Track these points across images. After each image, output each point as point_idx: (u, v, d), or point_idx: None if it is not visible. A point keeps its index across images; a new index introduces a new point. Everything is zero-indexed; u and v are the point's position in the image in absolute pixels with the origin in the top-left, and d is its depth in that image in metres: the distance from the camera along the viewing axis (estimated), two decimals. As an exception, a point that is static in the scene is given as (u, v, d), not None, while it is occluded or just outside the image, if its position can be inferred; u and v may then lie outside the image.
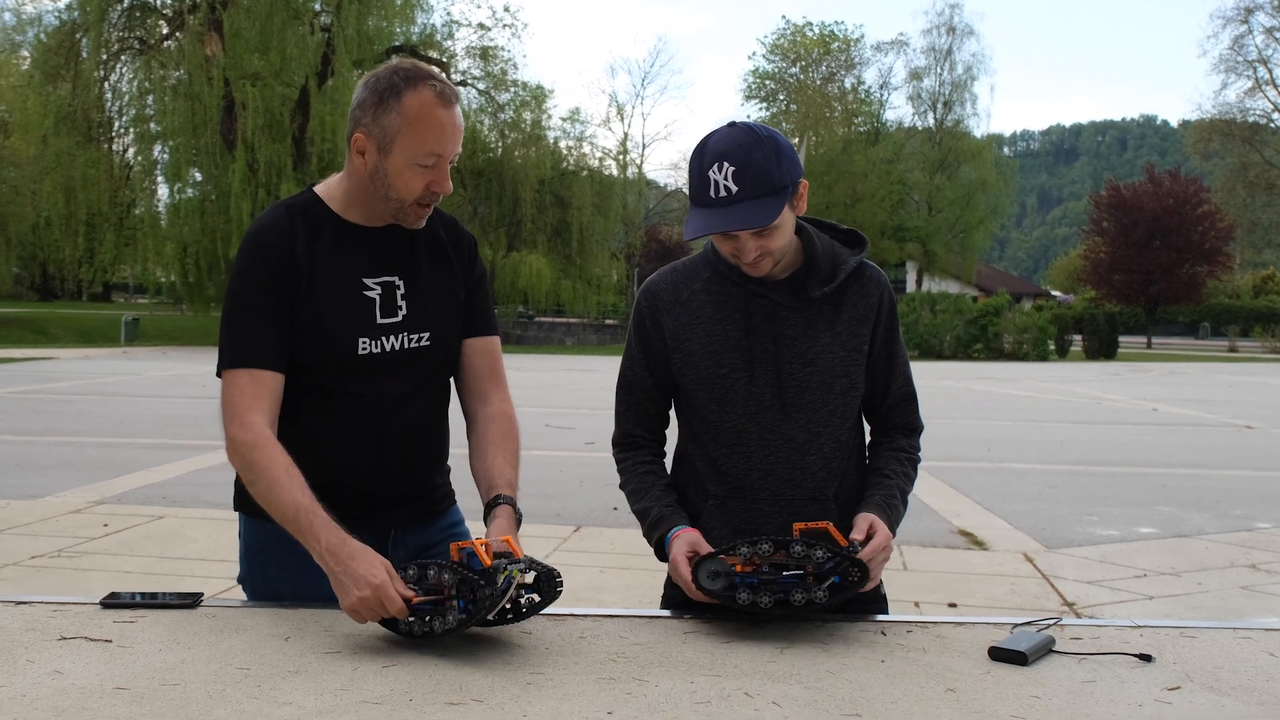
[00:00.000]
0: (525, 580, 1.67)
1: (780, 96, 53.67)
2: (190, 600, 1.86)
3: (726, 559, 1.78)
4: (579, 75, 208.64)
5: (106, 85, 32.60)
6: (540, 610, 1.69)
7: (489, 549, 1.68)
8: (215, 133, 28.95)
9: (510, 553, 1.71)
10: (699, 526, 1.96)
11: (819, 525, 1.81)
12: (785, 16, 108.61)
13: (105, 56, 31.83)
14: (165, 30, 32.33)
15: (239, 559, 2.07)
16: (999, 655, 1.65)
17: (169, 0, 32.28)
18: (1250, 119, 51.86)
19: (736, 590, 1.75)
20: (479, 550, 1.65)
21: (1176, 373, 26.55)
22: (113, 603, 1.85)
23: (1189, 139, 57.45)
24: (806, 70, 53.42)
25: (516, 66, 41.58)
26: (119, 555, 5.64)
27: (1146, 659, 1.66)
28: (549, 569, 1.70)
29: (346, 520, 1.80)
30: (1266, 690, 1.55)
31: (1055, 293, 63.50)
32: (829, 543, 1.79)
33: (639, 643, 1.72)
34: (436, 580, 1.66)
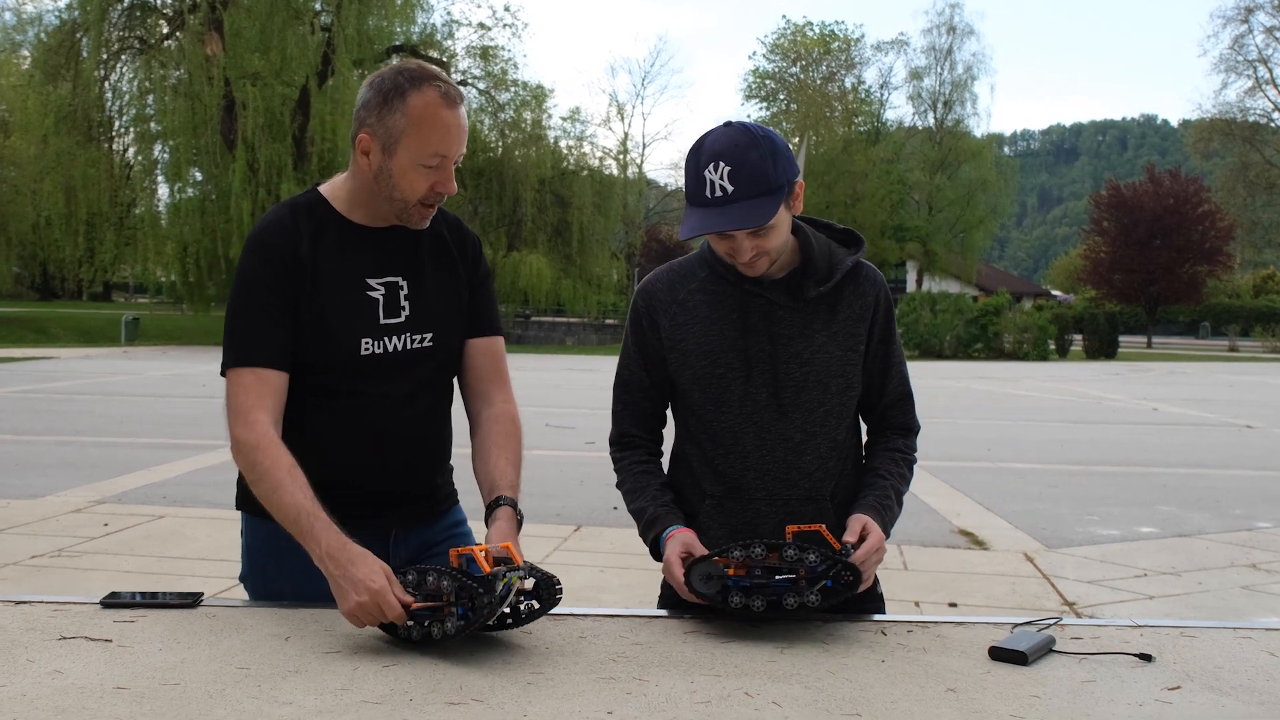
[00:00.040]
0: (525, 586, 1.67)
1: (780, 96, 53.69)
2: (190, 600, 1.86)
3: (719, 562, 1.78)
4: (579, 75, 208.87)
5: (107, 85, 32.61)
6: (539, 617, 1.69)
7: (488, 556, 1.67)
8: (215, 132, 28.95)
9: (510, 559, 1.70)
10: (695, 526, 1.96)
11: (812, 528, 1.81)
12: (785, 16, 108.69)
13: (105, 56, 31.83)
14: (165, 30, 32.33)
15: (241, 557, 2.07)
16: (999, 655, 1.65)
17: (169, 0, 32.28)
18: (1250, 118, 51.89)
19: (729, 594, 1.75)
20: (478, 557, 1.64)
21: (1177, 372, 26.55)
22: (113, 602, 1.85)
23: (1189, 138, 57.44)
24: (807, 70, 53.42)
25: (517, 66, 41.56)
26: (119, 555, 5.64)
27: (1147, 659, 1.66)
28: (548, 576, 1.69)
29: (348, 519, 1.80)
30: (1267, 690, 1.55)
31: (1055, 292, 63.48)
32: (822, 545, 1.78)
33: (639, 642, 1.72)
34: (435, 587, 1.65)
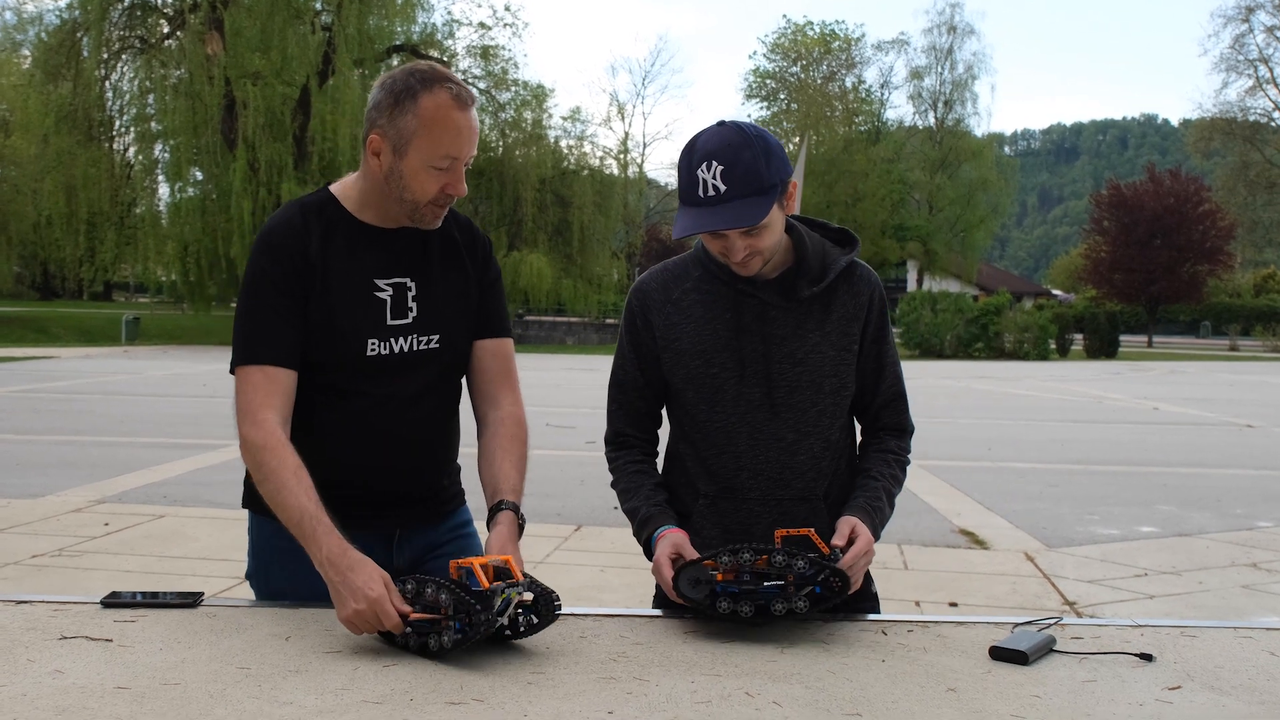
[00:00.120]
0: (525, 599, 1.65)
1: (781, 96, 53.70)
2: (191, 600, 1.87)
3: (708, 566, 1.77)
4: (580, 74, 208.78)
5: (107, 84, 32.60)
6: (537, 631, 1.68)
7: (488, 569, 1.65)
8: (216, 132, 28.94)
9: (509, 572, 1.68)
10: (689, 526, 1.95)
11: (801, 532, 1.80)
12: (786, 16, 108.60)
13: (106, 55, 31.83)
14: (166, 29, 32.32)
15: (247, 555, 2.07)
16: (1000, 655, 1.65)
17: (170, 0, 32.29)
18: (1251, 118, 51.89)
19: (717, 599, 1.74)
20: (478, 571, 1.63)
21: (1177, 372, 26.54)
22: (113, 602, 1.85)
23: (1190, 138, 57.42)
24: (807, 69, 53.42)
25: (517, 66, 41.57)
26: (119, 554, 5.64)
27: (1147, 658, 1.66)
28: (547, 590, 1.68)
29: (352, 519, 1.80)
30: (1267, 690, 1.55)
31: (1056, 292, 63.47)
32: (811, 550, 1.77)
33: (639, 642, 1.72)
34: (434, 599, 1.64)
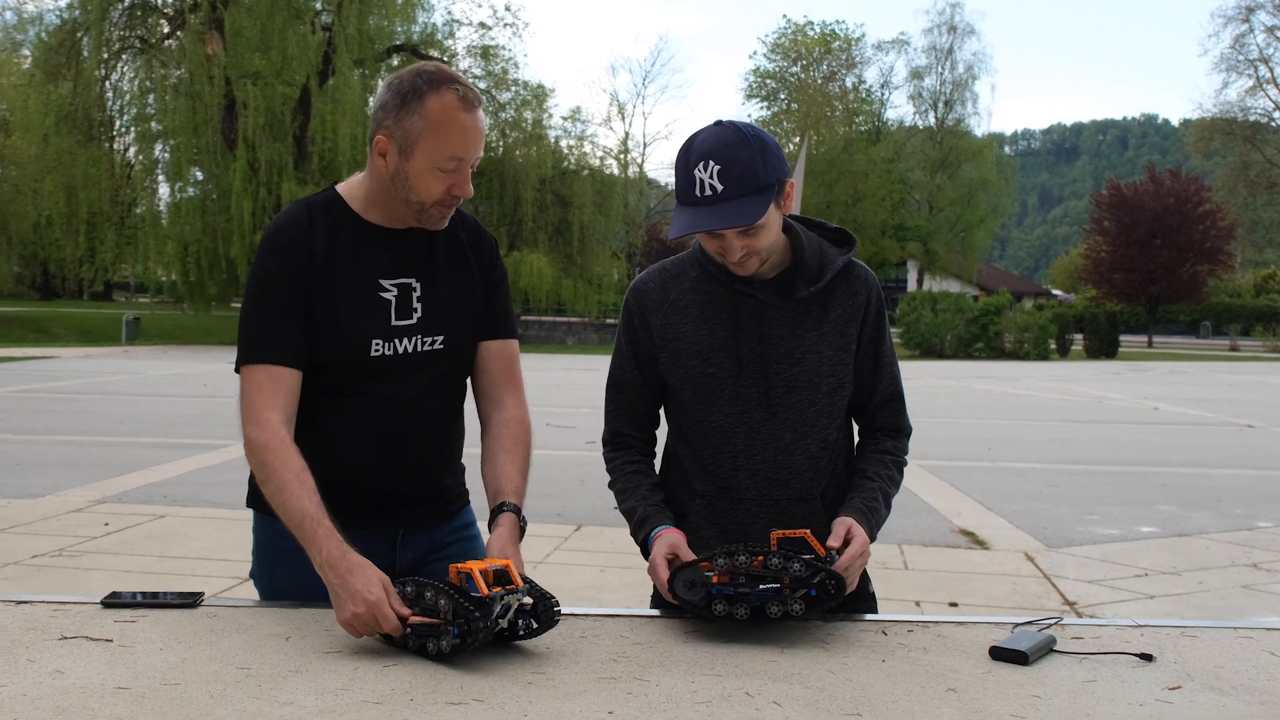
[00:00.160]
0: (525, 604, 1.65)
1: (781, 96, 53.72)
2: (191, 600, 1.86)
3: (704, 568, 1.76)
4: (580, 74, 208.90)
5: (108, 84, 32.61)
6: (536, 636, 1.67)
7: (488, 574, 1.65)
8: (216, 132, 28.94)
9: (509, 576, 1.67)
10: (686, 526, 1.95)
11: (797, 533, 1.79)
12: (786, 16, 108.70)
13: (106, 55, 31.83)
14: (166, 29, 32.32)
15: (251, 554, 2.07)
16: (1000, 655, 1.65)
17: (170, -1, 32.34)
18: (1251, 118, 51.89)
19: (713, 601, 1.73)
20: (477, 578, 1.62)
21: (1177, 372, 26.54)
22: (113, 602, 1.85)
23: (1190, 138, 57.41)
24: (807, 69, 53.44)
25: (517, 65, 41.52)
26: (120, 554, 5.64)
27: (1147, 658, 1.66)
28: (546, 595, 1.67)
29: (356, 519, 1.80)
30: (1268, 690, 1.55)
31: (1056, 292, 63.48)
32: (807, 552, 1.77)
33: (640, 642, 1.72)
34: (433, 603, 1.63)
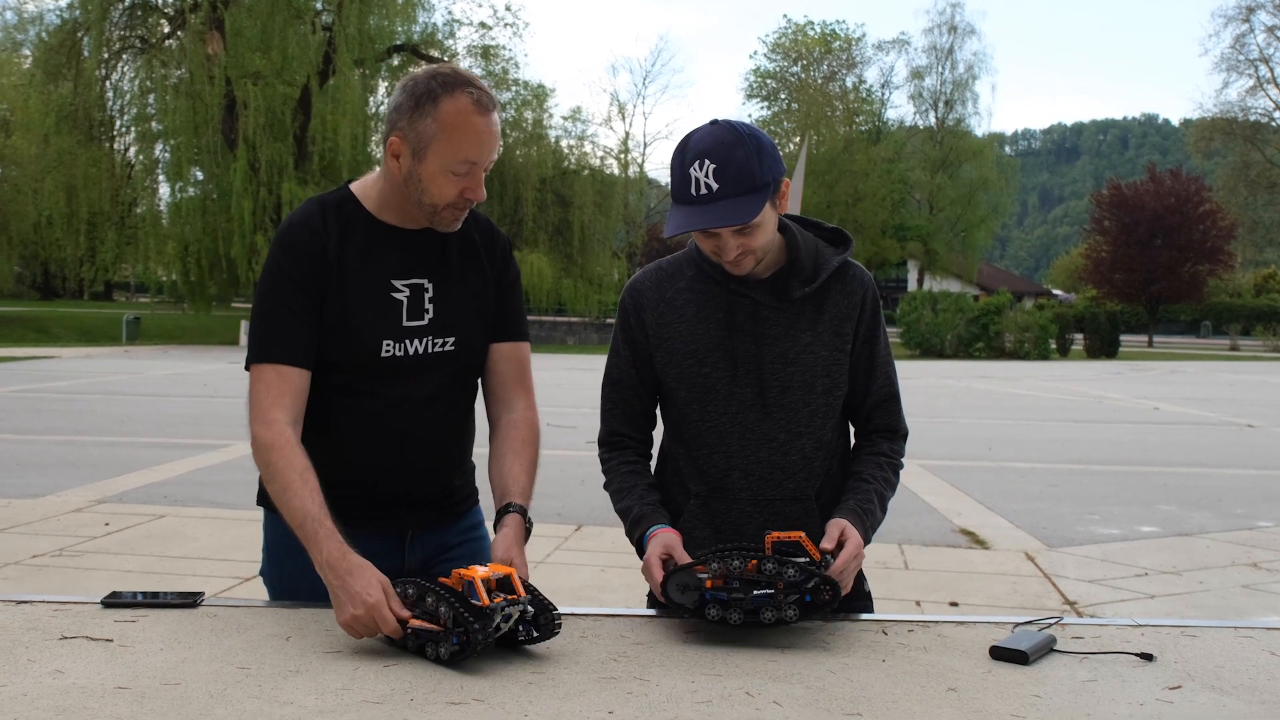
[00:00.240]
0: (527, 611, 1.64)
1: (782, 95, 53.73)
2: (191, 600, 1.86)
3: (698, 571, 1.74)
4: (580, 74, 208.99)
5: (108, 84, 32.60)
6: (535, 644, 1.66)
7: (490, 582, 1.64)
8: (217, 131, 28.95)
9: (511, 584, 1.66)
10: (680, 526, 1.95)
11: (792, 536, 1.78)
12: (787, 16, 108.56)
13: (107, 55, 31.82)
14: (167, 29, 32.31)
15: (261, 552, 2.07)
16: (1000, 654, 1.65)
17: (170, -1, 32.34)
18: (1252, 117, 51.92)
19: (706, 605, 1.73)
20: (479, 587, 1.61)
21: (1178, 371, 26.54)
22: (114, 602, 1.85)
23: (1190, 138, 57.43)
24: (808, 69, 53.45)
25: (518, 65, 41.62)
26: (120, 554, 5.64)
27: (1148, 658, 1.66)
28: (548, 606, 1.66)
29: (365, 519, 1.80)
30: (1268, 689, 1.55)
31: (1056, 291, 63.50)
32: (802, 555, 1.76)
33: (640, 642, 1.72)
34: (433, 609, 1.62)
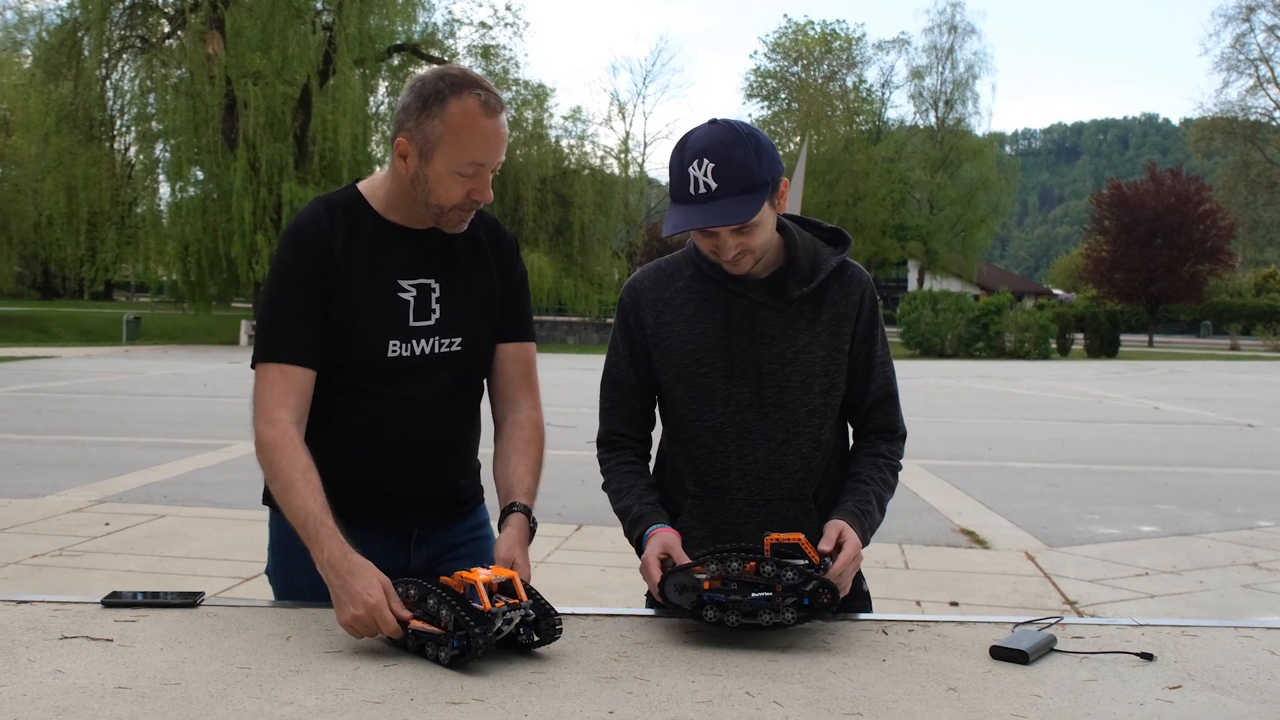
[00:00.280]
0: (528, 616, 1.64)
1: (782, 95, 53.71)
2: (191, 599, 1.86)
3: (696, 572, 1.74)
4: (580, 74, 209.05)
5: (108, 84, 32.58)
6: (536, 648, 1.65)
7: (492, 585, 1.63)
8: (217, 131, 28.95)
9: (513, 589, 1.66)
10: (678, 526, 1.94)
11: (791, 538, 1.77)
12: (787, 15, 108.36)
13: (107, 55, 31.82)
14: (167, 29, 32.31)
15: (267, 551, 2.07)
16: (1000, 654, 1.65)
17: (170, -1, 32.33)
18: (1252, 117, 51.92)
19: (704, 607, 1.72)
20: (480, 592, 1.60)
21: (1178, 371, 26.54)
22: (114, 602, 1.85)
23: (1190, 137, 57.42)
24: (808, 69, 53.43)
25: (518, 65, 41.67)
26: (120, 554, 5.64)
27: (1148, 658, 1.66)
28: (549, 610, 1.66)
29: (370, 518, 1.80)
30: (1268, 689, 1.55)
31: (1057, 291, 63.48)
32: (800, 559, 1.75)
33: (640, 642, 1.72)
34: (435, 611, 1.62)
